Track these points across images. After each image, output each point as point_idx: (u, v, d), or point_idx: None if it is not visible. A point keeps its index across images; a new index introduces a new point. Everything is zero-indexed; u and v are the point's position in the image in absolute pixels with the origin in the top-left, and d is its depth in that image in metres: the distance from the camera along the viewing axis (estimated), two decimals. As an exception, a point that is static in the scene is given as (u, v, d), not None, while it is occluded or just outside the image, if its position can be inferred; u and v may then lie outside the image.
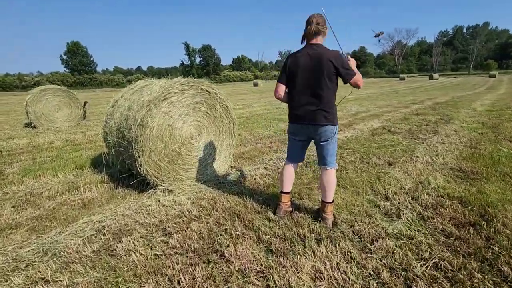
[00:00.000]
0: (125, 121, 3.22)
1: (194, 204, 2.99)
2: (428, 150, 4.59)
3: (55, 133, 7.70)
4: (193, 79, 3.40)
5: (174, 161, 3.35)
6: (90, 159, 4.81)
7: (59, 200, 3.19)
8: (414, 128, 6.51)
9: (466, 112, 8.56)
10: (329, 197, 2.47)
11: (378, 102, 12.79)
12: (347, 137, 5.84)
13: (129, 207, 2.94)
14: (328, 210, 2.46)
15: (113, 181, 3.70)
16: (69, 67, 57.40)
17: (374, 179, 3.45)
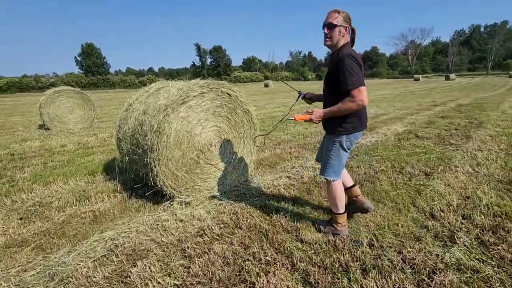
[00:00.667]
0: (140, 127, 2.96)
1: (214, 219, 2.70)
2: (466, 158, 4.17)
3: (68, 135, 7.60)
4: (213, 80, 3.12)
5: (192, 170, 3.07)
6: (102, 164, 4.60)
7: (69, 211, 2.96)
8: (443, 132, 6.06)
9: (497, 115, 8.00)
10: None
11: (396, 104, 12.27)
12: (371, 142, 5.46)
13: (144, 222, 2.68)
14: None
15: (126, 190, 3.46)
16: (83, 68, 58.52)
17: (413, 192, 3.08)
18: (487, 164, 3.85)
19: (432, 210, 2.66)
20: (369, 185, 3.31)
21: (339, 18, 2.01)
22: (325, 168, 2.26)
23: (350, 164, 4.12)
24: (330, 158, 2.22)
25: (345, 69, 1.92)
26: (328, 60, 2.25)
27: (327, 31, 2.04)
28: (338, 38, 2.04)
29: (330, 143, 2.20)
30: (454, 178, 3.41)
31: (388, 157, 4.40)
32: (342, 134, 2.14)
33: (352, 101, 1.93)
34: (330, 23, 2.01)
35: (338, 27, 2.01)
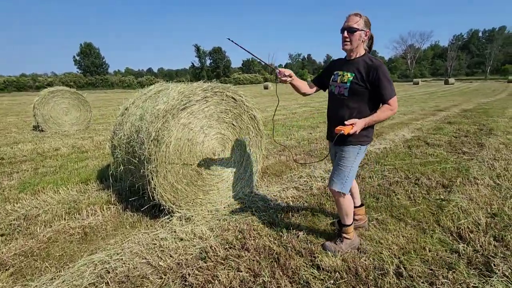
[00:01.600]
0: (136, 134, 2.69)
1: (218, 238, 2.43)
2: (484, 169, 3.93)
3: (62, 137, 7.29)
4: (217, 84, 2.86)
5: (194, 182, 2.80)
6: (96, 170, 4.32)
7: (57, 227, 2.68)
8: (454, 140, 5.82)
9: (505, 122, 7.79)
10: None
11: (399, 108, 12.02)
12: (380, 149, 5.21)
13: (139, 241, 2.40)
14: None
15: (121, 201, 3.18)
16: (81, 68, 58.10)
17: (435, 208, 2.82)
18: (508, 176, 3.61)
19: (459, 230, 2.40)
20: (385, 199, 3.05)
21: (360, 22, 1.90)
22: (344, 183, 2.07)
23: (361, 174, 3.86)
24: (351, 170, 2.06)
25: (385, 78, 1.87)
26: (342, 65, 2.07)
27: (347, 35, 1.92)
28: (358, 43, 1.94)
29: (352, 153, 2.03)
30: (476, 192, 3.16)
31: (400, 166, 4.15)
32: (366, 143, 2.06)
33: (391, 109, 1.90)
34: (351, 26, 1.90)
35: (359, 32, 1.90)
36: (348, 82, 1.96)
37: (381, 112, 1.92)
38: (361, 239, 2.31)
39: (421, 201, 2.99)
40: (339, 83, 2.02)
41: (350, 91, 1.95)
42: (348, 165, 2.05)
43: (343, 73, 2.01)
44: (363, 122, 1.90)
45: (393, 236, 2.34)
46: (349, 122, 1.88)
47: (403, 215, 2.70)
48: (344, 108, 2.01)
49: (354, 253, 2.15)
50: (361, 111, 1.96)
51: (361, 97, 1.94)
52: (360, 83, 1.92)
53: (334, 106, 2.09)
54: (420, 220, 2.60)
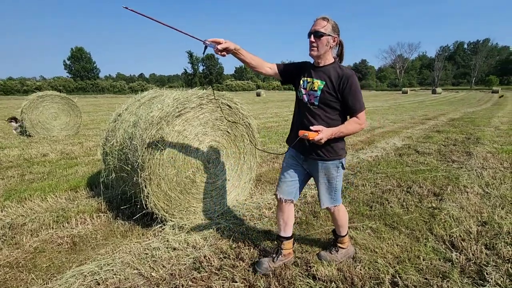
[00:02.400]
0: (129, 141, 2.65)
1: (212, 247, 2.39)
2: (473, 177, 4.02)
3: (51, 143, 7.12)
4: (213, 91, 2.85)
5: (187, 190, 2.76)
6: (86, 177, 4.22)
7: (44, 236, 2.58)
8: (443, 148, 5.95)
9: (491, 131, 8.03)
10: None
11: (389, 117, 12.30)
12: (372, 157, 5.28)
13: (131, 251, 2.34)
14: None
15: (112, 210, 3.10)
16: (71, 73, 57.23)
17: (427, 216, 2.86)
18: (496, 185, 3.69)
19: (451, 239, 2.43)
20: (379, 207, 3.07)
21: (328, 27, 1.77)
22: (334, 197, 2.01)
23: (355, 182, 3.89)
24: (336, 185, 1.98)
25: (357, 89, 1.78)
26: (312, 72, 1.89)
27: (313, 40, 1.78)
28: (326, 49, 1.80)
29: (333, 168, 1.92)
30: (466, 200, 3.22)
31: (392, 174, 4.20)
32: (344, 156, 1.96)
33: (359, 123, 1.80)
34: (318, 31, 1.76)
35: (326, 37, 1.76)
36: (319, 90, 1.81)
37: (349, 125, 1.80)
38: (356, 248, 2.31)
39: (414, 209, 3.02)
40: (308, 91, 1.87)
41: (321, 100, 1.82)
42: (332, 181, 1.95)
43: (312, 80, 1.85)
44: (331, 131, 1.75)
45: (387, 244, 2.35)
46: (315, 128, 1.75)
47: (396, 224, 2.72)
48: (312, 117, 1.86)
49: (349, 262, 2.14)
50: (331, 123, 1.83)
51: (332, 108, 1.82)
52: (332, 92, 1.79)
53: (302, 114, 1.92)
54: (413, 228, 2.63)
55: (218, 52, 1.68)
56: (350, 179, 4.05)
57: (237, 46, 1.74)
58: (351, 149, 5.99)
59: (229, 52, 1.73)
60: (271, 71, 1.95)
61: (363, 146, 6.20)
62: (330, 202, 2.01)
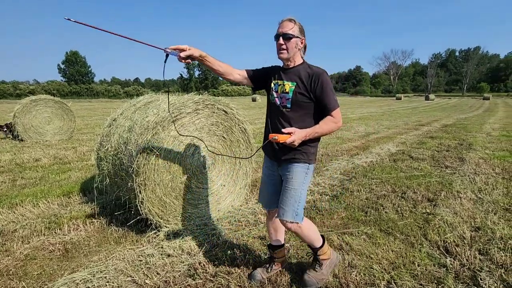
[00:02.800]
0: (124, 146, 2.63)
1: (207, 253, 2.37)
2: (466, 183, 4.07)
3: (44, 147, 7.03)
4: (209, 96, 2.86)
5: (183, 195, 2.74)
6: (79, 183, 4.16)
7: (36, 243, 2.53)
8: (436, 154, 6.03)
9: (483, 137, 8.16)
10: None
11: (384, 122, 12.43)
12: (367, 162, 5.31)
13: (124, 258, 2.30)
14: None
15: (105, 215, 3.06)
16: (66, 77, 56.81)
17: (422, 222, 2.88)
18: (488, 190, 3.74)
19: (446, 244, 2.45)
20: (374, 213, 3.09)
21: (295, 29, 1.71)
22: (297, 210, 1.76)
23: (350, 188, 3.90)
24: (301, 194, 1.77)
25: (328, 86, 1.70)
26: (282, 74, 1.82)
27: (282, 42, 1.71)
28: (295, 51, 1.74)
29: (301, 173, 1.77)
30: (460, 206, 3.25)
31: (387, 180, 4.23)
32: (314, 162, 1.83)
33: (335, 122, 1.73)
34: (286, 33, 1.69)
35: (295, 39, 1.71)
36: (290, 92, 1.74)
37: (324, 124, 1.71)
38: (351, 254, 2.31)
39: (408, 215, 3.04)
40: (280, 94, 1.79)
41: (293, 102, 1.74)
42: (297, 187, 1.76)
43: (283, 83, 1.78)
44: (304, 132, 1.66)
45: (382, 250, 2.36)
46: (287, 130, 1.64)
47: (391, 229, 2.73)
48: (286, 121, 1.77)
49: (345, 268, 2.14)
50: (305, 125, 1.73)
51: (306, 109, 1.74)
52: (304, 93, 1.71)
53: (275, 118, 1.83)
54: (408, 234, 2.64)
55: (182, 60, 1.61)
56: (345, 184, 4.07)
57: (202, 53, 1.67)
58: (346, 154, 6.03)
59: (194, 60, 1.68)
60: (240, 77, 1.88)
61: (358, 152, 6.25)
62: (292, 216, 1.75)
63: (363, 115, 16.07)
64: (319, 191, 3.81)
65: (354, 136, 8.51)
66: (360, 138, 8.13)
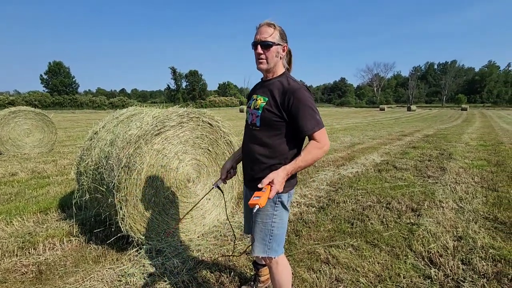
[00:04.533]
0: (105, 160, 2.55)
1: (191, 271, 2.29)
2: (448, 192, 4.17)
3: (21, 161, 6.73)
4: (193, 109, 2.84)
5: (166, 210, 2.67)
6: (58, 198, 3.99)
7: (7, 265, 2.38)
8: (419, 164, 6.18)
9: (462, 147, 8.46)
10: None
11: (368, 133, 12.71)
12: (352, 173, 5.38)
13: (103, 278, 2.19)
14: None
15: (84, 233, 2.93)
16: (48, 87, 55.37)
17: (406, 233, 2.91)
18: (469, 199, 3.85)
19: (430, 255, 2.48)
20: (360, 224, 3.10)
21: (275, 34, 1.47)
22: (268, 244, 1.54)
23: (336, 199, 3.92)
24: (273, 227, 1.53)
25: (306, 106, 1.41)
26: (258, 88, 1.61)
27: (261, 51, 1.48)
28: (276, 61, 1.51)
29: (268, 205, 1.50)
30: (442, 215, 3.32)
31: (372, 190, 4.28)
32: (286, 190, 1.52)
33: (319, 147, 1.41)
34: (265, 40, 1.46)
35: (275, 46, 1.48)
36: (260, 108, 1.49)
37: (307, 154, 1.40)
38: (338, 267, 2.29)
39: (393, 226, 3.07)
40: (252, 110, 1.56)
41: (262, 120, 1.49)
42: (266, 220, 1.52)
43: (257, 97, 1.55)
44: (284, 173, 1.37)
45: (369, 263, 2.35)
46: (263, 184, 1.33)
47: (377, 241, 2.74)
48: (255, 143, 1.53)
49: (332, 282, 2.11)
50: (277, 149, 1.48)
51: (276, 130, 1.48)
52: (274, 111, 1.45)
53: (246, 139, 1.61)
54: (393, 245, 2.66)
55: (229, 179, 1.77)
56: (331, 195, 4.09)
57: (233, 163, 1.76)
58: (332, 165, 6.09)
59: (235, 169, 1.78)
60: None
61: (343, 162, 6.32)
62: (263, 251, 1.54)
63: (349, 126, 16.40)
64: (306, 203, 3.81)
65: (340, 146, 8.63)
66: (346, 148, 8.26)
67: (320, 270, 2.25)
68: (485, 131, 13.53)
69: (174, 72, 66.30)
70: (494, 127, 15.45)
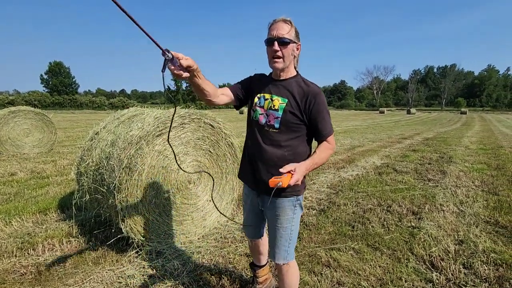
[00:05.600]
0: (106, 161, 2.54)
1: (191, 273, 2.27)
2: (448, 196, 4.16)
3: (21, 161, 6.71)
4: (195, 110, 2.84)
5: (166, 212, 2.65)
6: (57, 199, 3.97)
7: (5, 265, 2.36)
8: (419, 167, 6.18)
9: (462, 150, 8.47)
10: None
11: (368, 136, 12.72)
12: (353, 176, 5.37)
13: (103, 279, 2.17)
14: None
15: (84, 234, 2.91)
16: (48, 87, 55.36)
17: (407, 236, 2.90)
18: (469, 203, 3.84)
19: (431, 258, 2.47)
20: (361, 227, 3.09)
21: (292, 32, 1.42)
22: (288, 249, 1.56)
23: (337, 202, 3.91)
24: (292, 231, 1.54)
25: (325, 108, 1.46)
26: (269, 87, 1.53)
27: (277, 48, 1.40)
28: (291, 60, 1.46)
29: (288, 207, 1.51)
30: (443, 219, 3.31)
31: (373, 193, 4.27)
32: (302, 192, 1.56)
33: (331, 148, 1.48)
34: (282, 37, 1.39)
35: (292, 44, 1.42)
36: (280, 110, 1.45)
37: (322, 152, 1.44)
38: (339, 271, 2.28)
39: (394, 229, 3.06)
40: (266, 110, 1.49)
41: (283, 122, 1.45)
42: (287, 225, 1.53)
43: (271, 97, 1.49)
44: (304, 167, 1.35)
45: (370, 266, 2.34)
46: (286, 170, 1.29)
47: (378, 244, 2.73)
48: (272, 144, 1.48)
49: (333, 285, 2.10)
50: (296, 150, 1.49)
51: (296, 132, 1.47)
52: (296, 113, 1.44)
53: (258, 140, 1.52)
54: (394, 248, 2.65)
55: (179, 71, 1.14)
56: (332, 198, 4.08)
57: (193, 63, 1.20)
58: (332, 167, 6.08)
59: (190, 72, 1.21)
60: (226, 98, 1.54)
61: (344, 165, 6.32)
62: (283, 257, 1.55)
63: (349, 128, 16.41)
64: (306, 205, 3.80)
65: (340, 149, 8.63)
66: (346, 151, 8.25)
67: (321, 273, 2.24)
68: (484, 134, 13.55)
69: (174, 73, 66.14)
70: (493, 131, 15.48)
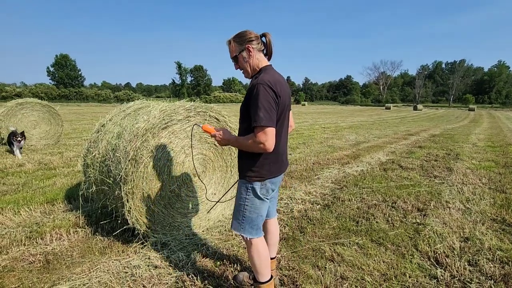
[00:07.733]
0: (112, 153, 2.56)
1: (196, 265, 2.30)
2: (454, 193, 4.12)
3: (28, 152, 6.81)
4: (201, 103, 2.83)
5: (172, 204, 2.68)
6: (64, 189, 4.03)
7: (15, 253, 2.41)
8: (425, 163, 6.12)
9: (469, 147, 8.36)
10: None
11: (374, 131, 12.61)
12: (358, 171, 5.34)
13: (109, 269, 2.21)
14: None
15: (91, 224, 2.96)
16: (55, 80, 55.82)
17: (412, 232, 2.88)
18: (476, 200, 3.80)
19: (436, 255, 2.46)
20: (365, 223, 3.08)
21: (233, 46, 1.68)
22: (240, 223, 1.72)
23: (341, 197, 3.90)
24: (245, 209, 1.70)
25: (258, 100, 1.48)
26: None
27: (236, 67, 1.74)
28: (247, 65, 1.68)
29: (243, 189, 1.70)
30: (449, 216, 3.29)
31: (378, 189, 4.25)
32: (255, 180, 1.65)
33: (254, 140, 1.50)
34: (232, 57, 1.72)
35: (239, 56, 1.67)
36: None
37: (245, 138, 1.56)
38: (343, 265, 2.28)
39: (399, 225, 3.05)
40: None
41: (240, 115, 1.69)
42: (239, 202, 1.71)
43: None
44: (229, 136, 1.65)
45: (374, 261, 2.34)
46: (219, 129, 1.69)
47: (382, 239, 2.72)
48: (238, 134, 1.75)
49: (336, 280, 2.11)
50: None
51: (248, 124, 1.58)
52: (245, 106, 1.61)
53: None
54: (399, 244, 2.64)
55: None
56: (336, 193, 4.07)
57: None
58: (337, 163, 6.06)
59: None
60: None
61: (349, 161, 6.29)
62: (236, 228, 1.74)
63: (354, 124, 16.28)
64: (310, 200, 3.80)
65: (345, 144, 8.58)
66: (351, 146, 8.20)
67: (325, 267, 2.25)
68: (493, 132, 13.34)
69: (179, 66, 66.29)
70: (502, 128, 15.22)
